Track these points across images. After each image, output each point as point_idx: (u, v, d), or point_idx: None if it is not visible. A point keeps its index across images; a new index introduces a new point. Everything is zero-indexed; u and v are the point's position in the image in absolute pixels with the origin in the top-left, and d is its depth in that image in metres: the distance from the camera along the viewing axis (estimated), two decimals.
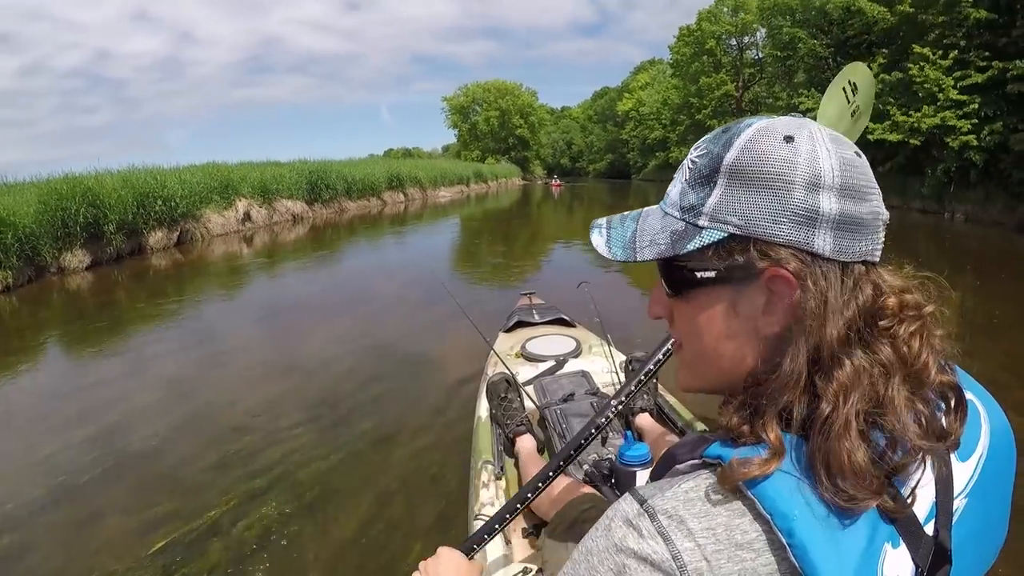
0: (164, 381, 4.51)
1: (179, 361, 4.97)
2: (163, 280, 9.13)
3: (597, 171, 74.01)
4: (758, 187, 0.49)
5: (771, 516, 0.44)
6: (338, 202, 19.79)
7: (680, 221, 0.53)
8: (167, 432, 3.54)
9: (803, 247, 0.48)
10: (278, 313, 6.65)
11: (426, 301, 6.80)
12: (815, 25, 23.03)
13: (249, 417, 3.73)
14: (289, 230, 15.15)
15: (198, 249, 11.67)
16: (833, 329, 0.48)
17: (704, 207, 0.51)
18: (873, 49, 19.74)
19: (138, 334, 5.83)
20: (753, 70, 37.79)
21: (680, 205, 0.54)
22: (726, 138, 0.52)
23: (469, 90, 61.44)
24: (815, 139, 0.49)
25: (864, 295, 0.49)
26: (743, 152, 0.50)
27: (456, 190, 32.80)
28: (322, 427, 3.55)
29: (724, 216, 0.50)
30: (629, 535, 0.47)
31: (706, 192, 0.51)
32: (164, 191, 11.06)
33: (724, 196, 0.50)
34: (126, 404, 4.03)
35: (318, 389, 4.19)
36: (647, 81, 56.24)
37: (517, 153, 60.69)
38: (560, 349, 2.82)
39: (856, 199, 0.49)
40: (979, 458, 0.54)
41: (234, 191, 14.23)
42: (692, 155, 0.55)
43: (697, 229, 0.52)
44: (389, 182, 24.16)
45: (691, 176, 0.53)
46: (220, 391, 4.32)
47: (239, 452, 3.25)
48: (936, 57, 15.84)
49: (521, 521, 1.65)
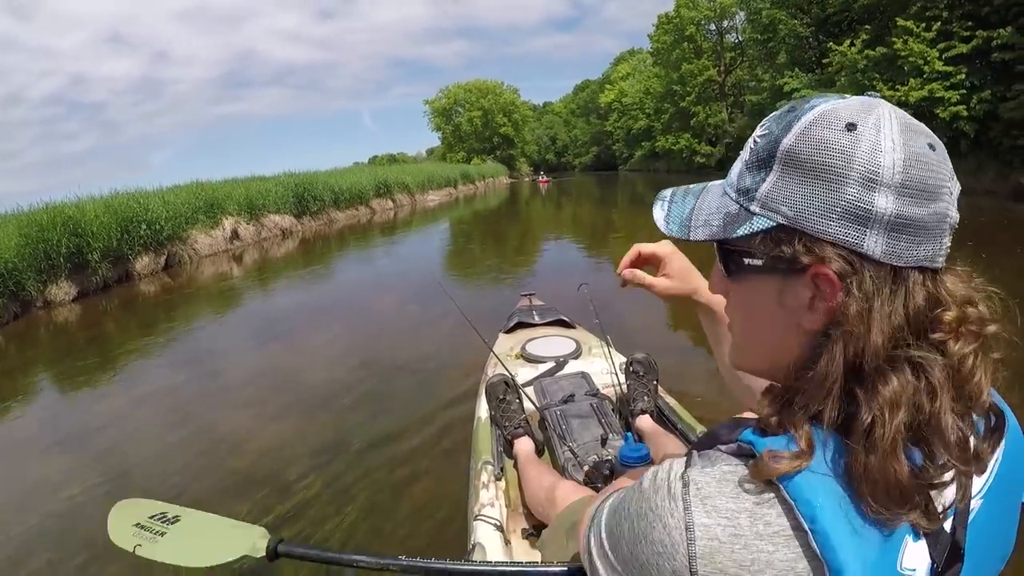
0: (163, 415, 4.29)
1: (176, 393, 4.75)
2: (152, 308, 8.88)
3: (583, 164, 74.10)
4: (811, 177, 0.47)
5: (795, 503, 0.45)
6: (326, 213, 19.53)
7: (735, 203, 0.53)
8: (173, 468, 3.36)
9: (852, 247, 0.47)
10: (275, 331, 6.43)
11: (425, 304, 6.75)
12: (794, 5, 22.95)
13: (252, 437, 3.67)
14: (279, 245, 14.88)
15: (187, 272, 11.40)
16: (878, 338, 0.46)
17: (758, 192, 0.51)
18: (855, 26, 19.66)
19: (131, 368, 5.58)
20: (734, 54, 37.76)
21: (737, 187, 0.53)
22: (788, 120, 0.50)
23: (450, 91, 61.29)
24: (881, 128, 0.46)
25: (915, 303, 0.47)
26: (800, 138, 0.48)
27: (444, 193, 32.58)
28: (321, 427, 3.58)
29: (775, 204, 0.49)
30: (661, 490, 0.50)
31: (761, 176, 0.50)
32: (148, 214, 10.78)
33: (778, 183, 0.49)
34: (126, 445, 3.83)
35: (318, 393, 4.21)
36: (628, 71, 56.19)
37: (502, 152, 60.56)
38: (560, 350, 2.80)
39: (918, 200, 0.46)
40: (995, 462, 0.53)
41: (220, 209, 13.94)
42: (756, 133, 0.53)
43: (749, 215, 0.51)
44: (377, 189, 23.91)
45: (750, 157, 0.52)
46: (221, 414, 4.18)
47: (242, 470, 3.22)
48: (920, 29, 15.73)
49: (522, 522, 1.69)
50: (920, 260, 0.47)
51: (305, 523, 2.62)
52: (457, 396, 3.76)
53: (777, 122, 0.51)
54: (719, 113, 37.25)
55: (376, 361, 4.88)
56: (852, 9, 19.56)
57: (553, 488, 1.52)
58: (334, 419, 3.77)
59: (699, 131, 37.77)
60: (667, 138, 40.69)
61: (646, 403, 2.11)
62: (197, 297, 9.12)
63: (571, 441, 1.97)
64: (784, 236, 0.49)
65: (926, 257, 0.47)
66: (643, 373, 2.20)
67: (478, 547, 1.50)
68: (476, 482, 1.88)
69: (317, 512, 2.70)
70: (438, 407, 3.70)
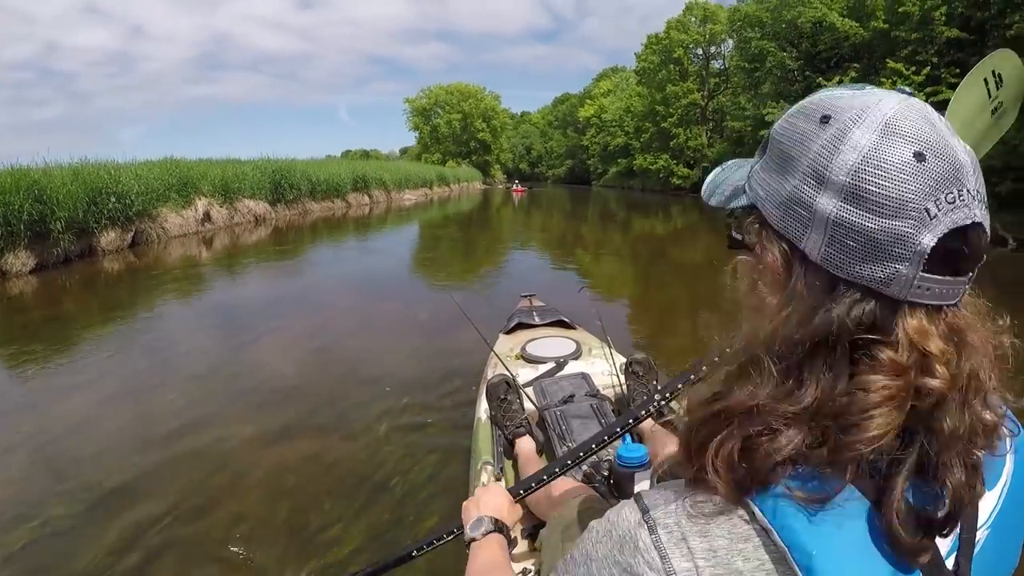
0: (120, 411, 3.83)
1: (132, 384, 4.29)
2: (115, 287, 8.26)
3: (556, 176, 74.25)
4: (774, 162, 0.49)
5: (789, 549, 0.43)
6: (302, 203, 18.95)
7: (743, 180, 0.54)
8: (125, 471, 2.91)
9: (793, 241, 0.47)
10: (253, 325, 5.94)
11: (425, 303, 6.68)
12: (785, 38, 23.29)
13: (237, 435, 3.38)
14: (251, 232, 14.29)
15: (154, 252, 10.75)
16: (789, 334, 0.46)
17: (752, 170, 0.53)
18: (844, 64, 20.01)
19: (88, 357, 4.97)
20: (718, 79, 38.25)
21: (752, 165, 0.54)
22: (792, 107, 0.51)
23: (431, 92, 60.72)
24: (859, 125, 0.44)
25: (848, 321, 0.44)
26: (782, 122, 0.50)
27: (420, 193, 32.19)
28: (320, 426, 3.47)
29: (754, 184, 0.51)
30: (627, 545, 0.47)
31: (759, 156, 0.53)
32: (119, 187, 10.09)
33: (761, 164, 0.51)
34: (77, 445, 3.35)
35: (315, 392, 4.03)
36: (609, 88, 56.54)
37: (478, 157, 60.22)
38: (560, 351, 2.81)
39: (868, 210, 0.43)
40: (1003, 487, 0.52)
41: (193, 189, 13.28)
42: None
43: (741, 191, 0.53)
44: (354, 183, 23.37)
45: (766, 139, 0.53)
46: (191, 414, 3.67)
47: (225, 479, 2.94)
48: (909, 72, 16.06)
49: (521, 522, 1.66)
50: (865, 279, 0.44)
51: (304, 523, 2.52)
52: (457, 397, 3.71)
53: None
54: (699, 136, 37.66)
55: (375, 361, 4.73)
56: (842, 47, 19.94)
57: (552, 486, 1.48)
58: (330, 418, 3.59)
59: (678, 153, 38.07)
60: (645, 157, 40.89)
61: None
62: (164, 279, 8.45)
63: (571, 441, 1.98)
64: (753, 216, 0.51)
65: (874, 279, 0.44)
66: (642, 374, 2.22)
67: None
68: (476, 482, 1.86)
69: (318, 511, 2.61)
70: (438, 407, 3.65)
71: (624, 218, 22.21)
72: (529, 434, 2.07)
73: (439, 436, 3.27)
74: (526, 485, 1.16)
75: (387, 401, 3.75)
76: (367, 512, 2.58)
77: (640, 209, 26.22)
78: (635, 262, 11.49)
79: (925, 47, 16.01)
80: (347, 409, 3.69)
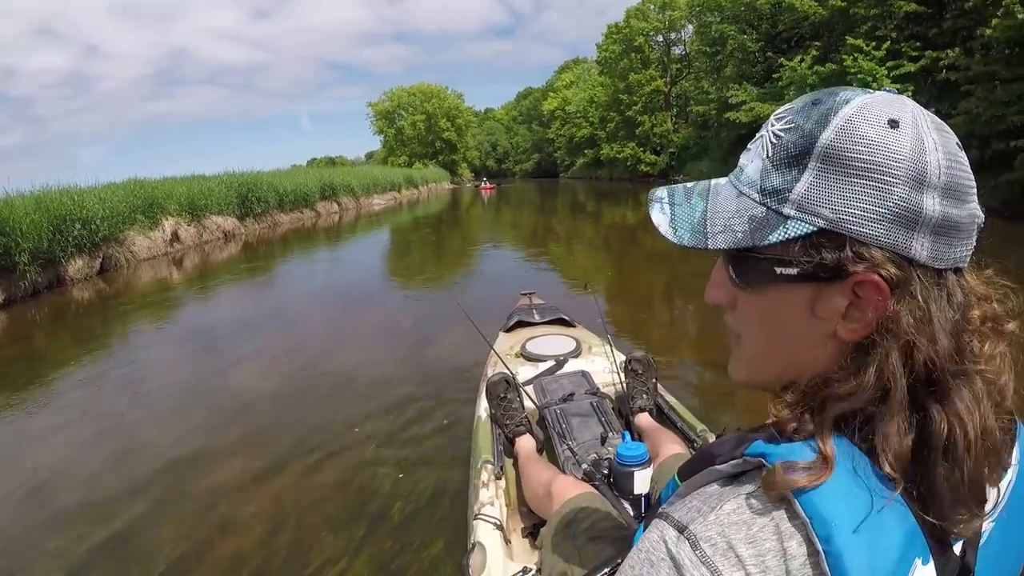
0: (102, 453, 3.56)
1: (114, 419, 4.04)
2: (87, 317, 7.87)
3: (524, 171, 74.38)
4: (857, 178, 0.44)
5: (810, 521, 0.42)
6: (271, 216, 18.54)
7: (760, 206, 0.48)
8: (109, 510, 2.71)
9: (900, 251, 0.44)
10: (241, 346, 5.70)
11: (424, 301, 6.72)
12: (744, 20, 23.49)
13: (240, 436, 3.39)
14: (221, 249, 13.87)
15: (124, 277, 10.33)
16: (946, 344, 0.44)
17: (791, 193, 0.46)
18: (804, 42, 20.23)
19: (64, 392, 4.70)
20: (680, 65, 38.50)
21: (760, 187, 0.48)
22: (819, 113, 0.45)
23: (394, 94, 60.07)
24: (919, 125, 0.44)
25: (955, 304, 0.45)
26: (842, 133, 0.44)
27: (389, 197, 31.78)
28: (311, 451, 3.30)
29: (815, 207, 0.45)
30: (672, 569, 0.44)
31: (794, 176, 0.46)
32: (83, 212, 9.65)
33: (816, 183, 0.45)
34: (56, 486, 3.10)
35: (302, 415, 3.84)
36: (572, 80, 56.73)
37: (445, 157, 59.78)
38: (560, 349, 2.81)
39: (958, 201, 0.44)
40: (1009, 482, 0.51)
41: (159, 209, 12.84)
42: (774, 127, 0.48)
43: (781, 218, 0.46)
44: (322, 192, 22.97)
45: (776, 154, 0.47)
46: (181, 449, 3.39)
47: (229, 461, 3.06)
48: (869, 48, 16.26)
49: (522, 521, 1.72)
50: (956, 261, 0.45)
51: (307, 560, 2.39)
52: (457, 395, 3.67)
53: (804, 116, 0.46)
54: (664, 123, 37.90)
55: (374, 360, 4.73)
56: (802, 26, 20.17)
57: (552, 484, 1.53)
58: (321, 441, 3.41)
59: (644, 140, 38.30)
60: (612, 146, 41.06)
61: (645, 401, 2.13)
62: (136, 306, 8.10)
63: (571, 440, 2.00)
64: (827, 242, 0.44)
65: (960, 258, 0.45)
66: (642, 372, 2.21)
67: (478, 546, 1.49)
68: (476, 481, 1.86)
69: (320, 546, 2.49)
70: (438, 406, 3.62)
71: (595, 209, 22.22)
72: (529, 432, 2.07)
73: (439, 435, 3.24)
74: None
75: (380, 414, 3.64)
76: (371, 540, 2.46)
77: (610, 198, 26.27)
78: (610, 252, 11.43)
79: (884, 22, 16.23)
80: (338, 429, 3.52)
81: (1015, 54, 11.05)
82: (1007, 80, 11.22)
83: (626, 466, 1.56)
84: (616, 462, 1.60)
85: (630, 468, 1.56)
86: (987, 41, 11.61)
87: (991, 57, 11.82)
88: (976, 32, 12.62)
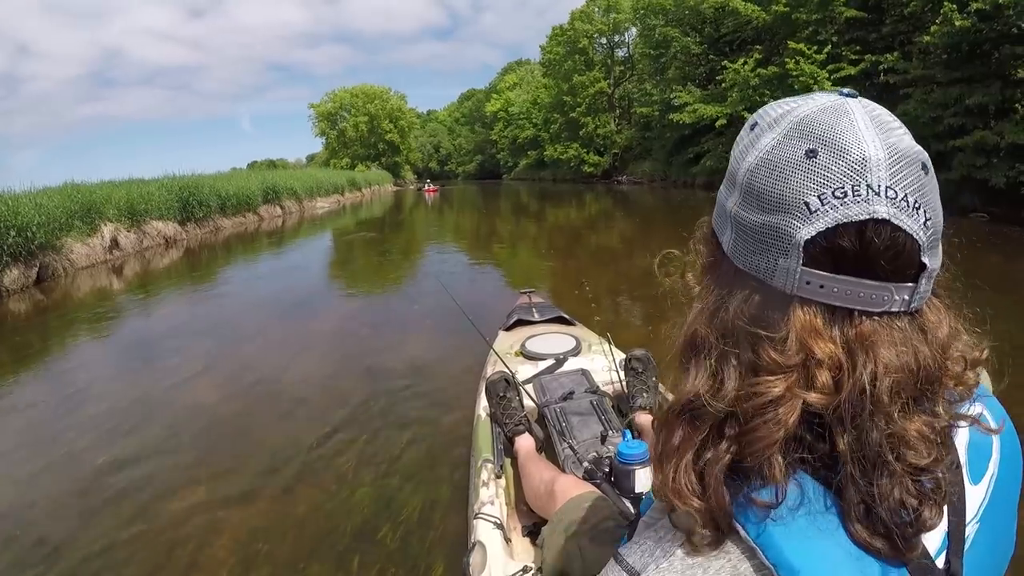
0: (60, 482, 3.17)
1: (68, 451, 3.55)
2: (24, 331, 7.23)
3: (467, 173, 74.17)
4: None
5: (775, 568, 0.42)
6: (213, 220, 17.76)
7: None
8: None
9: (717, 234, 0.51)
10: (192, 360, 5.28)
11: (423, 300, 6.64)
12: (688, 24, 23.93)
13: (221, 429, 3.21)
14: (162, 256, 13.13)
15: (62, 286, 9.62)
16: (703, 321, 0.48)
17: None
18: (746, 46, 20.74)
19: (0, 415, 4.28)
20: (623, 67, 39.01)
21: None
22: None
23: (336, 96, 58.77)
24: (773, 129, 0.46)
25: (747, 310, 0.46)
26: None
27: (332, 200, 31.06)
28: (318, 425, 3.38)
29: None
30: None
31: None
32: (18, 219, 8.99)
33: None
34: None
35: (267, 431, 3.61)
36: (515, 81, 56.78)
37: (387, 159, 58.97)
38: (560, 347, 2.80)
39: (755, 206, 0.45)
40: (990, 478, 0.51)
41: (98, 214, 12.11)
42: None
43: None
44: (265, 195, 22.20)
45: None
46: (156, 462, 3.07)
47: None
48: (811, 52, 16.77)
49: (522, 520, 1.72)
50: (756, 269, 0.46)
51: (302, 527, 2.46)
52: (456, 394, 3.62)
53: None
54: (608, 124, 38.34)
55: (373, 359, 4.65)
56: (745, 30, 20.68)
57: (552, 482, 1.52)
58: (294, 459, 3.19)
59: (588, 141, 38.63)
60: (556, 147, 41.29)
61: (645, 400, 2.13)
62: (77, 318, 7.50)
63: (571, 438, 1.99)
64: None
65: (760, 269, 0.45)
66: (642, 370, 2.21)
67: (478, 545, 1.49)
68: (476, 480, 1.86)
69: (315, 515, 2.54)
70: (437, 405, 3.59)
71: (538, 209, 22.25)
72: (529, 431, 2.07)
73: (439, 434, 3.20)
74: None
75: (384, 400, 3.64)
76: (368, 540, 2.36)
77: (554, 199, 26.36)
78: (552, 250, 11.40)
79: (825, 27, 16.80)
80: (316, 438, 3.29)
81: (952, 58, 11.56)
82: (944, 83, 11.74)
83: (627, 464, 1.56)
84: (617, 460, 1.60)
85: (631, 466, 1.56)
86: (925, 46, 12.09)
87: (929, 61, 12.34)
88: (914, 37, 13.16)
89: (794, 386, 0.42)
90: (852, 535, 0.42)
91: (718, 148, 21.47)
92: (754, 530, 0.43)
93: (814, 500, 0.43)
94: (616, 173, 36.15)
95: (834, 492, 0.43)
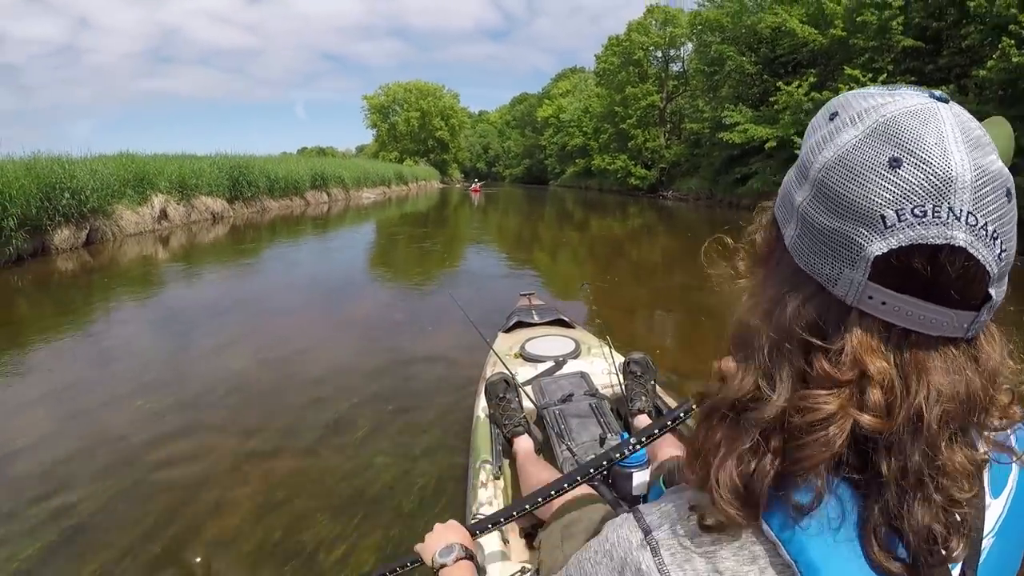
0: (95, 428, 3.46)
1: (104, 399, 3.88)
2: (71, 289, 7.72)
3: (513, 176, 74.35)
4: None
5: (796, 563, 0.42)
6: (260, 200, 18.39)
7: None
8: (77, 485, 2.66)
9: (779, 225, 0.48)
10: (231, 327, 5.63)
11: (423, 300, 6.69)
12: (744, 43, 23.73)
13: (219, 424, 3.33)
14: (208, 230, 13.73)
15: (109, 250, 10.18)
16: (783, 317, 0.45)
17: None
18: (801, 68, 20.49)
19: (45, 364, 4.62)
20: (677, 82, 38.75)
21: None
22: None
23: (390, 89, 59.89)
24: (855, 124, 0.43)
25: (806, 315, 0.44)
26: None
27: (378, 191, 31.69)
28: (306, 434, 3.32)
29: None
30: (627, 568, 0.46)
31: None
32: (73, 182, 9.53)
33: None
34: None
35: (296, 397, 3.84)
36: (568, 88, 56.86)
37: (436, 156, 59.74)
38: (559, 350, 2.81)
39: (827, 208, 0.43)
40: (1009, 493, 0.50)
41: (149, 185, 12.70)
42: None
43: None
44: (313, 181, 22.81)
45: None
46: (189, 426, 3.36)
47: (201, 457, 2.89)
48: (866, 79, 16.52)
49: (520, 521, 1.67)
50: (819, 274, 0.44)
51: (302, 545, 2.39)
52: (456, 395, 3.66)
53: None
54: (657, 138, 38.10)
55: (372, 358, 4.61)
56: (800, 53, 20.43)
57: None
58: (318, 425, 3.42)
59: (636, 153, 38.44)
60: (604, 157, 41.16)
61: (643, 403, 2.13)
62: (121, 281, 7.99)
63: (569, 440, 1.99)
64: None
65: (822, 274, 0.43)
66: (640, 373, 2.22)
67: (476, 546, 1.45)
68: (474, 481, 1.87)
69: (315, 529, 2.49)
70: (436, 406, 3.60)
71: (582, 218, 22.21)
72: (528, 433, 2.07)
73: (438, 435, 3.23)
74: (484, 525, 1.15)
75: (384, 400, 3.67)
76: (368, 525, 2.46)
77: (598, 209, 26.33)
78: (596, 258, 11.49)
79: (882, 55, 16.53)
80: (335, 414, 3.50)
81: (1008, 95, 11.32)
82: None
83: (625, 467, 1.56)
84: (616, 463, 1.61)
85: (629, 469, 1.55)
86: (981, 81, 11.86)
87: (984, 96, 12.09)
88: (971, 71, 12.91)
89: (847, 404, 0.41)
90: (869, 556, 0.42)
91: (766, 170, 21.11)
92: (778, 527, 0.43)
93: (848, 514, 0.43)
94: (662, 188, 35.84)
95: (864, 510, 0.43)
